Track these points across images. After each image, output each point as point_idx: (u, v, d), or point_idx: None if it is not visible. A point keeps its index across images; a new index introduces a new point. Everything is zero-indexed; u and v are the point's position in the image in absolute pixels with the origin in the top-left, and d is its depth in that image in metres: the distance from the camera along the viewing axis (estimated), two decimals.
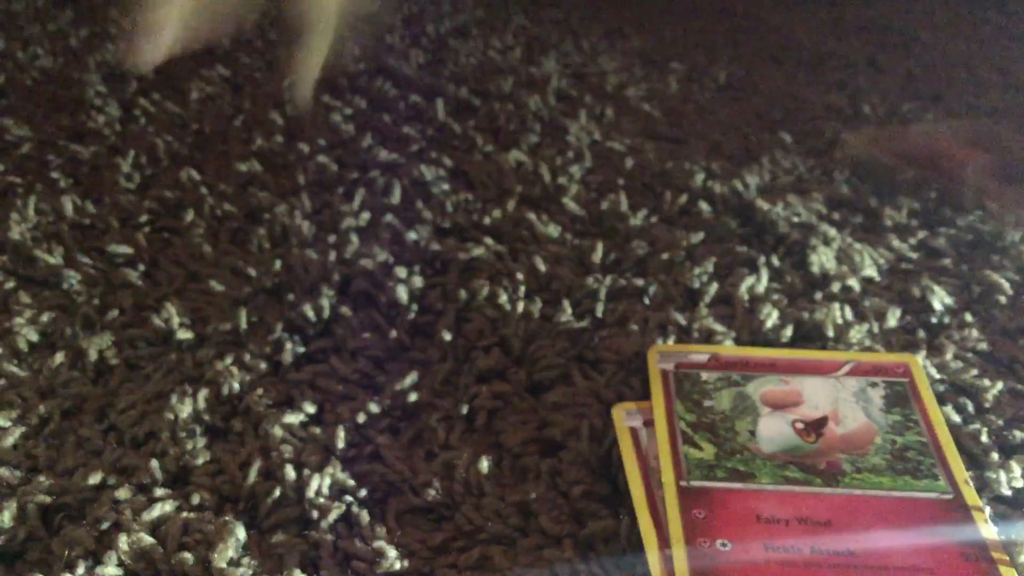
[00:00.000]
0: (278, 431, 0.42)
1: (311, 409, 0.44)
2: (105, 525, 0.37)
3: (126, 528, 0.37)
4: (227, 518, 0.38)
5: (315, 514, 0.38)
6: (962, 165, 0.62)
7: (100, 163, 0.64)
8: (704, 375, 0.45)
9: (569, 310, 0.50)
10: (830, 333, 0.49)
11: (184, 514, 0.38)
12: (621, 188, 0.62)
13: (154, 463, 0.40)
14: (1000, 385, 0.46)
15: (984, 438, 0.43)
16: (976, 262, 0.55)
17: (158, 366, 0.46)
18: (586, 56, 0.83)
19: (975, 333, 0.49)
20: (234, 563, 0.36)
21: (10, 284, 0.52)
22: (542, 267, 0.54)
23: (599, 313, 0.50)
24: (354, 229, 0.57)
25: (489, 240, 0.56)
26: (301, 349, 0.48)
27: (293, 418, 0.43)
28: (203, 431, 0.43)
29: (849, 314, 0.50)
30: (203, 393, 0.44)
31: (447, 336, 0.49)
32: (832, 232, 0.57)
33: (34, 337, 0.48)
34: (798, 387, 0.44)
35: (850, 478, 0.40)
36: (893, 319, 0.50)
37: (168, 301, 0.51)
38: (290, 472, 0.40)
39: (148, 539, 0.37)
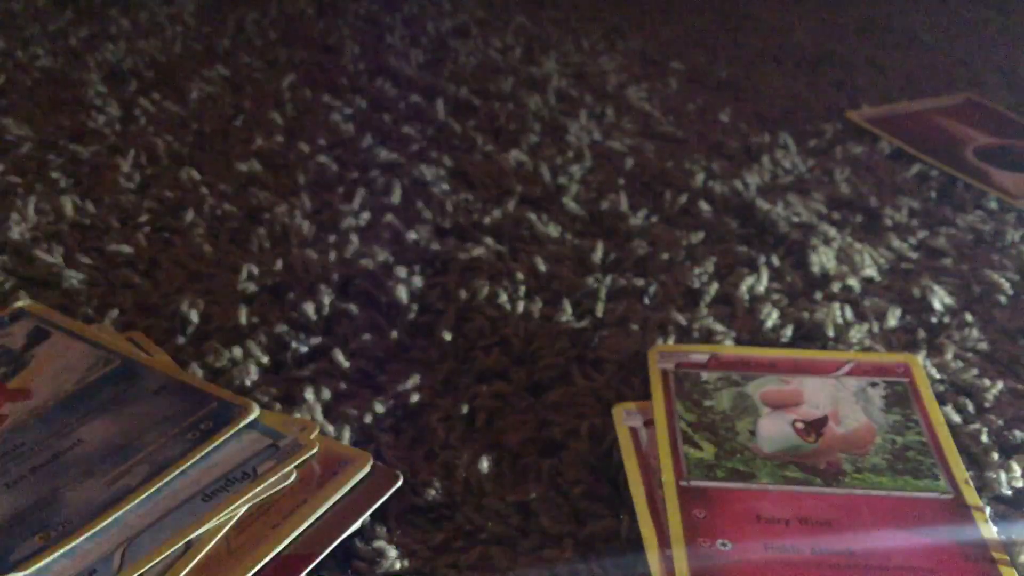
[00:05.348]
0: None
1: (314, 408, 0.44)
2: None
3: None
4: None
5: None
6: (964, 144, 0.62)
7: (100, 163, 0.64)
8: (704, 375, 0.45)
9: (569, 310, 0.50)
10: (830, 333, 0.49)
11: None
12: (621, 188, 0.62)
13: None
14: (1000, 385, 0.46)
15: (984, 438, 0.43)
16: (976, 262, 0.55)
17: None
18: (586, 56, 0.83)
19: (975, 333, 0.49)
20: None
21: (10, 284, 0.52)
22: (542, 267, 0.54)
23: (599, 313, 0.50)
24: (354, 229, 0.57)
25: (489, 240, 0.56)
26: (303, 348, 0.48)
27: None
28: None
29: (849, 314, 0.50)
30: None
31: (447, 336, 0.49)
32: (832, 232, 0.57)
33: None
34: (798, 387, 0.44)
35: (850, 478, 0.40)
36: (893, 319, 0.50)
37: (169, 301, 0.51)
38: None
39: None
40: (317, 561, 0.35)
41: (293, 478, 0.38)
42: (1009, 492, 0.40)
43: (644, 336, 0.48)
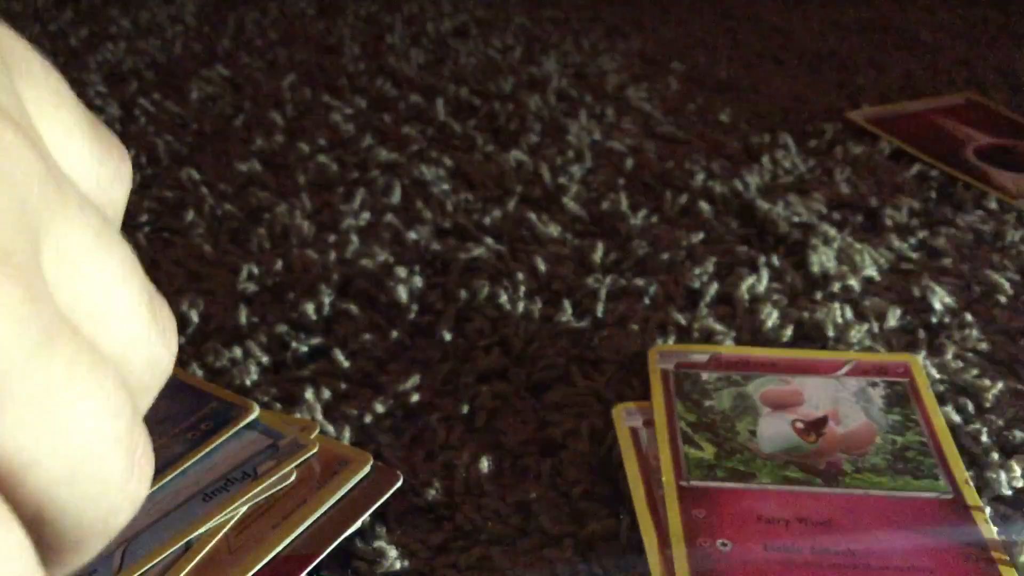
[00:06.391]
0: None
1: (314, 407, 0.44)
2: None
3: None
4: None
5: None
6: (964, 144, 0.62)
7: None
8: (704, 375, 0.45)
9: (569, 310, 0.50)
10: (830, 333, 0.49)
11: None
12: (621, 188, 0.62)
13: None
14: (1000, 385, 0.46)
15: (984, 438, 0.43)
16: (976, 262, 0.55)
17: None
18: (586, 56, 0.83)
19: (975, 333, 0.49)
20: None
21: None
22: (542, 267, 0.54)
23: (599, 313, 0.50)
24: (354, 229, 0.57)
25: (489, 240, 0.56)
26: (303, 348, 0.48)
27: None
28: None
29: (849, 314, 0.50)
30: None
31: (447, 336, 0.49)
32: (832, 232, 0.57)
33: None
34: (798, 387, 0.44)
35: (850, 478, 0.40)
36: (893, 319, 0.50)
37: (169, 300, 0.51)
38: None
39: None
40: (317, 561, 0.35)
41: (293, 478, 0.38)
42: (1009, 492, 0.40)
43: (644, 336, 0.48)
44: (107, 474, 0.15)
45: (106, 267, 0.16)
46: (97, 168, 0.18)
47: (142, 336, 0.17)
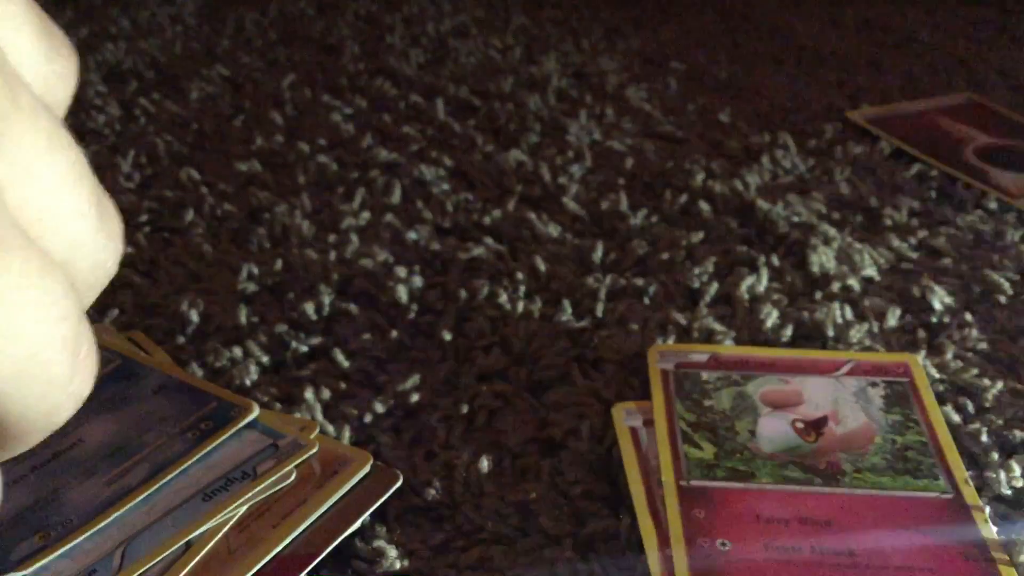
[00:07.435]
0: None
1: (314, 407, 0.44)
2: None
3: None
4: None
5: None
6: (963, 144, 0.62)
7: (100, 163, 0.64)
8: (704, 375, 0.45)
9: (569, 310, 0.50)
10: (830, 333, 0.49)
11: None
12: (621, 188, 0.62)
13: None
14: (1000, 385, 0.46)
15: (984, 438, 0.43)
16: (976, 262, 0.55)
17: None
18: (586, 56, 0.83)
19: (975, 333, 0.49)
20: None
21: None
22: (542, 267, 0.54)
23: (599, 313, 0.50)
24: (354, 229, 0.57)
25: (489, 240, 0.56)
26: (303, 348, 0.48)
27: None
28: None
29: (849, 314, 0.50)
30: None
31: (447, 336, 0.49)
32: (832, 232, 0.57)
33: None
34: (798, 387, 0.44)
35: (850, 478, 0.40)
36: (893, 319, 0.50)
37: (169, 300, 0.51)
38: None
39: None
40: (317, 561, 0.35)
41: (293, 478, 0.38)
42: (1009, 492, 0.40)
43: (644, 336, 0.48)
44: (52, 375, 0.16)
45: (56, 170, 0.16)
46: (45, 66, 0.17)
47: (88, 240, 0.17)
